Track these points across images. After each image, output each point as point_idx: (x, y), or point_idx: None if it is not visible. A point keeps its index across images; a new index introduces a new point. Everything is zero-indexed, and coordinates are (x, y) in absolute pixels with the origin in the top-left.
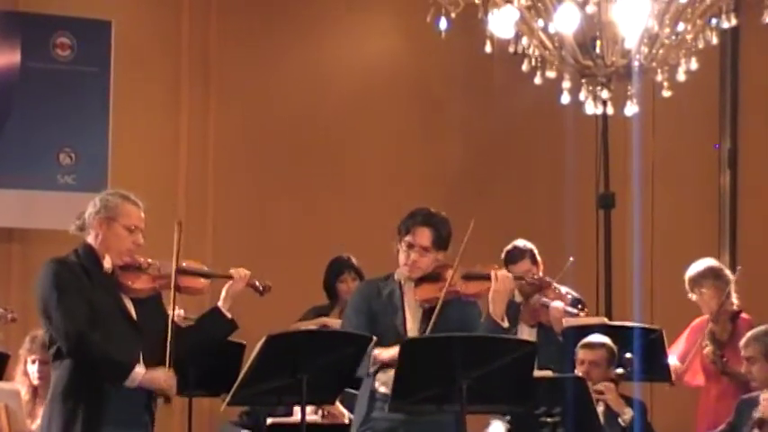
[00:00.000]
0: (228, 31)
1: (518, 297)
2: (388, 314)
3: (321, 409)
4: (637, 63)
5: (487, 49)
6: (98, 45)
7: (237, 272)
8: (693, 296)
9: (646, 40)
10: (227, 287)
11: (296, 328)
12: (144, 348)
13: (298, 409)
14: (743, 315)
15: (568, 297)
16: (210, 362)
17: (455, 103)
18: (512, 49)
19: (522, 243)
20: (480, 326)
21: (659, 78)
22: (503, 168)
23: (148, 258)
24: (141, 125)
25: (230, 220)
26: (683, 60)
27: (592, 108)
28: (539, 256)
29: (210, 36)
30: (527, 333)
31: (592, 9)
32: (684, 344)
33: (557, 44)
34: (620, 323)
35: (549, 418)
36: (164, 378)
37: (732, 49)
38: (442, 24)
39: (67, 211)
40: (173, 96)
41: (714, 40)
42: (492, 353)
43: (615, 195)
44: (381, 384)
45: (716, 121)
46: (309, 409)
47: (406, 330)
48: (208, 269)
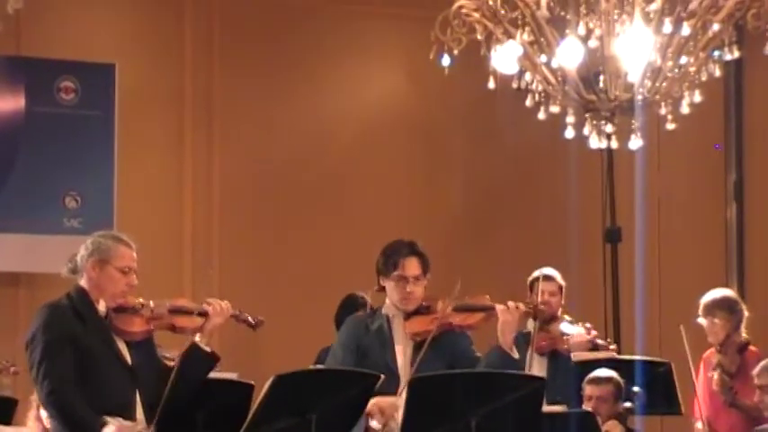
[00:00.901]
0: (231, 73)
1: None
2: (377, 349)
3: None
4: (640, 97)
5: (491, 85)
6: (102, 89)
7: (214, 305)
8: (704, 321)
9: (649, 74)
10: (205, 322)
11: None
12: (141, 392)
13: None
14: (751, 347)
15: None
16: (219, 403)
17: (459, 140)
18: (515, 85)
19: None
20: (488, 356)
21: (663, 111)
22: (508, 204)
23: (141, 299)
24: (146, 167)
25: (236, 261)
26: (686, 93)
27: (596, 142)
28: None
29: (214, 78)
30: (537, 362)
31: (594, 44)
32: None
33: (560, 79)
34: (627, 357)
35: None
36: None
37: (735, 81)
38: (445, 61)
39: None
40: (176, 138)
41: (717, 73)
42: (501, 388)
43: (621, 229)
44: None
45: (721, 153)
46: None
47: (397, 365)
48: (193, 306)
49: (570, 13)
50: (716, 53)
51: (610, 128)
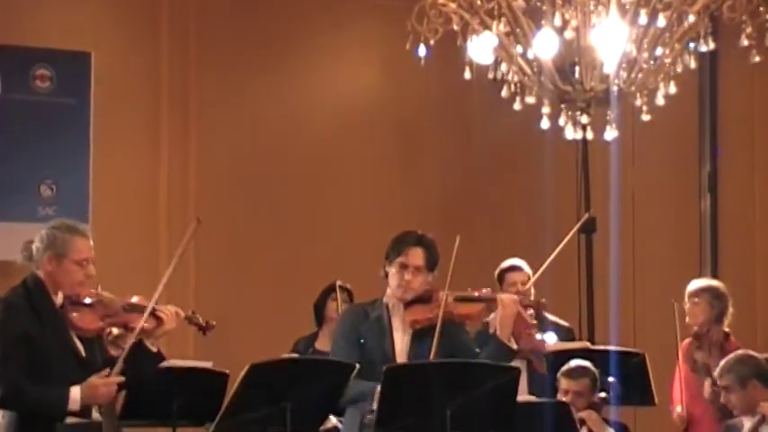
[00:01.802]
0: (208, 62)
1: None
2: (376, 338)
3: None
4: (616, 88)
5: (467, 75)
6: (78, 77)
7: (166, 312)
8: (687, 305)
9: (624, 65)
10: (157, 327)
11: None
12: None
13: None
14: (731, 339)
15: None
16: (194, 392)
17: (435, 130)
18: (491, 76)
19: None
20: (488, 347)
21: (638, 103)
22: (483, 194)
23: (98, 290)
24: (122, 156)
25: (213, 251)
26: (661, 84)
27: (571, 133)
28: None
29: (190, 67)
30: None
31: (570, 35)
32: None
33: (536, 70)
34: (602, 347)
35: None
36: (100, 384)
37: (711, 72)
38: (421, 52)
39: None
40: (153, 127)
41: (692, 64)
42: (475, 379)
43: (596, 220)
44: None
45: (696, 144)
46: None
47: (395, 354)
48: (147, 305)
49: (546, 4)
50: (691, 45)
51: (585, 119)
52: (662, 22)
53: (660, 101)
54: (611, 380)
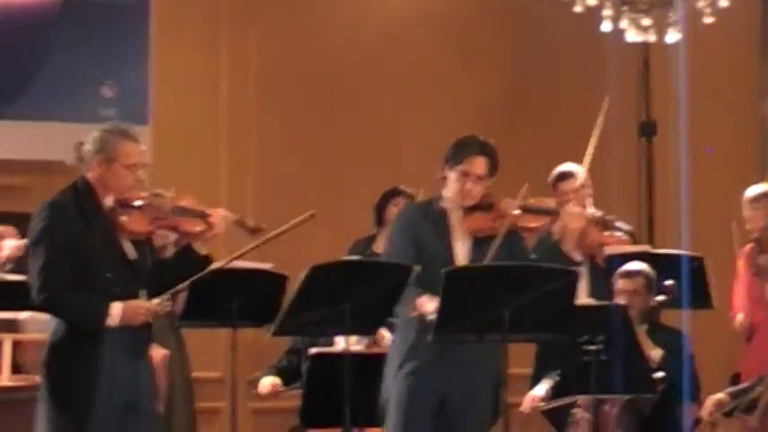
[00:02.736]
0: None
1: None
2: (434, 242)
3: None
4: None
5: None
6: None
7: (215, 216)
8: (747, 211)
9: None
10: (207, 230)
11: None
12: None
13: (340, 339)
14: None
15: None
16: (253, 293)
17: (493, 33)
18: None
19: (574, 165)
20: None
21: (700, 5)
22: (542, 97)
23: (146, 192)
24: (181, 56)
25: (273, 151)
26: None
27: (633, 36)
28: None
29: None
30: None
31: None
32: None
33: None
34: (661, 251)
35: (592, 346)
36: (142, 306)
37: None
38: None
39: None
40: (212, 27)
41: None
42: (534, 282)
43: (657, 123)
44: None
45: (757, 47)
46: (353, 338)
47: (454, 258)
48: (198, 208)
49: None
50: None
51: (647, 21)
52: None
53: (723, 2)
54: (669, 283)
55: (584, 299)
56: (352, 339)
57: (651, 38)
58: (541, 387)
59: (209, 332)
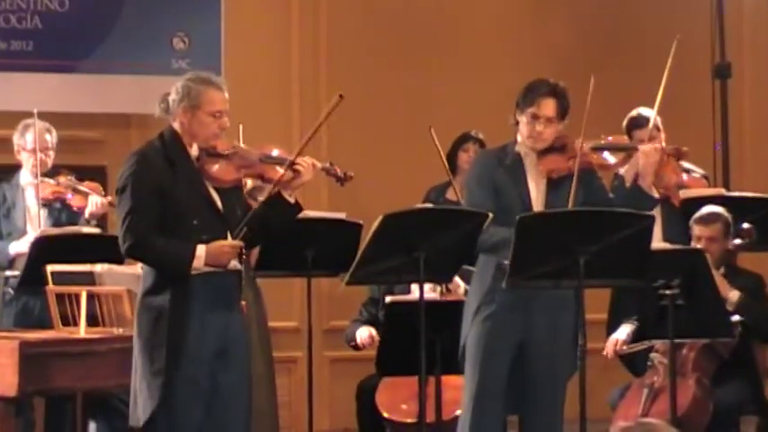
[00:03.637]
0: None
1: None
2: (511, 186)
3: (440, 285)
4: None
5: None
6: None
7: (303, 163)
8: None
9: None
10: (294, 178)
11: None
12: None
13: (415, 287)
14: None
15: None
16: (328, 242)
17: None
18: None
19: (646, 110)
20: (627, 196)
21: None
22: (614, 42)
23: (235, 142)
24: (254, 7)
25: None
26: None
27: None
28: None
29: None
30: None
31: None
32: None
33: None
34: (737, 194)
35: (668, 290)
36: (227, 245)
37: None
38: None
39: None
40: None
41: None
42: (610, 227)
43: (731, 65)
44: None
45: None
46: (427, 286)
47: (531, 202)
48: (285, 156)
49: None
50: None
51: None
52: None
53: None
54: (746, 226)
55: (658, 240)
56: (426, 288)
57: None
58: (623, 331)
59: (284, 282)
